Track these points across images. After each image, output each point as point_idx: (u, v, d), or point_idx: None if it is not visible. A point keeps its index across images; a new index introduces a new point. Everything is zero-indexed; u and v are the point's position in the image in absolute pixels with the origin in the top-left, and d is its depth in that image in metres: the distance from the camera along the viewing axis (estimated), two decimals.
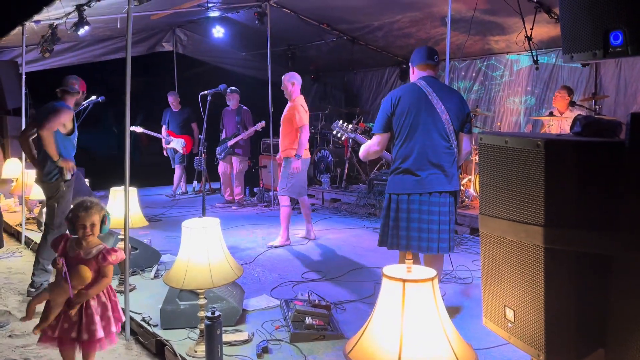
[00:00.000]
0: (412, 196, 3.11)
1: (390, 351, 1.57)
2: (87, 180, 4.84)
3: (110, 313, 2.51)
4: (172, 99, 8.19)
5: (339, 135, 3.81)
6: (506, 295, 1.59)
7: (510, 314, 1.57)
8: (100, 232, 2.58)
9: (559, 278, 1.43)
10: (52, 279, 3.90)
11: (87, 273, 2.45)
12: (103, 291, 2.54)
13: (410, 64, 3.37)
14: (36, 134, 4.03)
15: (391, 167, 3.27)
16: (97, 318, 2.46)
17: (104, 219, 2.59)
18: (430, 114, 3.11)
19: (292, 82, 5.21)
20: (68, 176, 3.95)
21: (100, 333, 2.45)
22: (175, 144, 8.16)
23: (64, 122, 3.92)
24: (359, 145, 3.57)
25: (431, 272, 1.67)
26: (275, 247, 5.18)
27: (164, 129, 8.24)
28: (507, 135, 1.54)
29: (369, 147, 3.35)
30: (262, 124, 7.05)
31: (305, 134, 5.11)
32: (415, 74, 3.29)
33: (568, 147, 1.41)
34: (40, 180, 4.03)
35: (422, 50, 3.30)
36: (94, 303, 2.48)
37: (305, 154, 5.20)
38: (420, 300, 1.60)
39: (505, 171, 1.55)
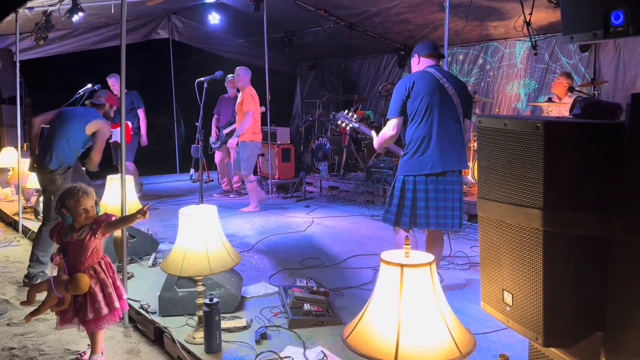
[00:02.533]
0: (430, 177, 3.28)
1: (388, 336, 1.56)
2: (83, 169, 4.80)
3: (111, 289, 2.58)
4: (114, 82, 6.64)
5: (343, 125, 3.90)
6: (504, 278, 1.58)
7: (508, 297, 1.56)
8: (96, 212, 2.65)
9: (557, 261, 1.42)
10: (48, 271, 3.91)
11: (85, 279, 2.52)
12: (103, 268, 2.61)
13: (415, 54, 3.52)
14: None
15: (406, 148, 3.39)
16: (100, 296, 2.54)
17: (96, 200, 2.67)
18: (444, 96, 3.31)
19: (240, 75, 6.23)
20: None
21: (105, 310, 2.54)
22: (115, 135, 6.31)
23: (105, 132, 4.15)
24: (357, 133, 3.66)
25: (429, 257, 1.66)
26: (244, 212, 6.25)
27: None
28: (506, 118, 1.52)
29: (385, 132, 3.45)
30: (262, 109, 6.98)
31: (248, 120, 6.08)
32: (422, 63, 3.46)
33: (568, 128, 1.40)
34: (38, 169, 4.00)
35: (429, 43, 3.54)
36: (93, 282, 2.55)
37: (255, 137, 6.22)
38: (418, 285, 1.59)
39: (504, 154, 1.53)
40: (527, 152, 1.44)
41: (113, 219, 2.64)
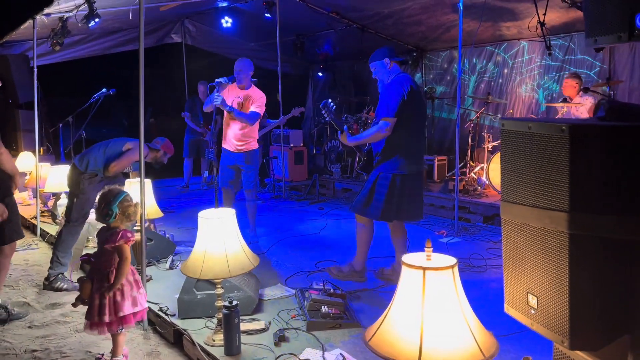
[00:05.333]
0: (413, 175, 3.68)
1: (411, 339, 1.57)
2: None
3: (105, 301, 2.63)
4: (204, 89, 7.74)
5: (323, 112, 4.01)
6: (529, 281, 1.58)
7: (533, 300, 1.56)
8: (103, 220, 2.74)
9: (584, 264, 1.41)
10: (67, 273, 3.98)
11: (86, 286, 2.64)
12: (107, 279, 2.66)
13: (385, 58, 3.70)
14: None
15: (396, 149, 3.63)
16: (96, 303, 2.62)
17: (105, 209, 2.71)
18: (422, 103, 3.80)
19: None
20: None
21: (95, 318, 2.61)
22: (207, 136, 7.73)
23: (126, 166, 4.12)
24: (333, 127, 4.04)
25: (451, 260, 1.67)
26: None
27: (186, 116, 7.95)
28: (530, 121, 1.52)
29: (378, 133, 3.62)
30: (302, 109, 7.15)
31: None
32: (394, 69, 3.73)
33: (593, 131, 1.39)
34: (71, 167, 4.06)
35: (393, 48, 3.81)
36: (95, 288, 2.63)
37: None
38: (440, 288, 1.60)
39: (528, 157, 1.53)
40: (552, 155, 1.44)
41: (129, 244, 2.69)
